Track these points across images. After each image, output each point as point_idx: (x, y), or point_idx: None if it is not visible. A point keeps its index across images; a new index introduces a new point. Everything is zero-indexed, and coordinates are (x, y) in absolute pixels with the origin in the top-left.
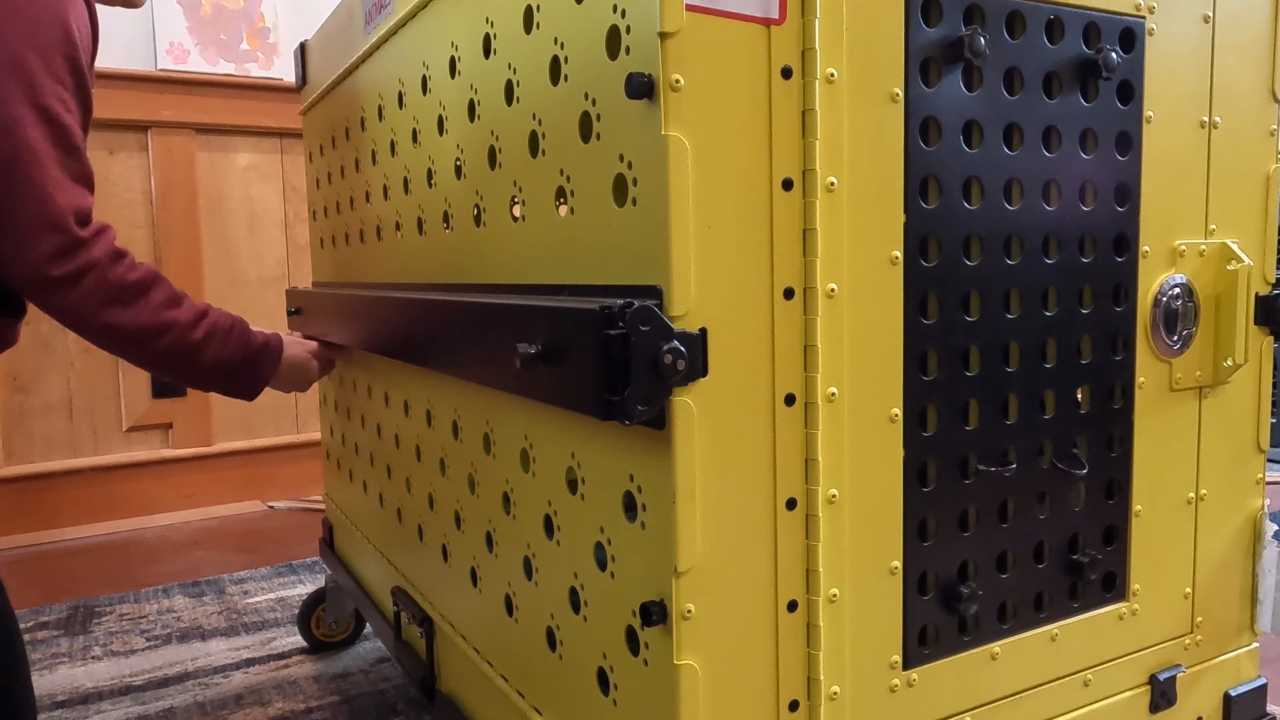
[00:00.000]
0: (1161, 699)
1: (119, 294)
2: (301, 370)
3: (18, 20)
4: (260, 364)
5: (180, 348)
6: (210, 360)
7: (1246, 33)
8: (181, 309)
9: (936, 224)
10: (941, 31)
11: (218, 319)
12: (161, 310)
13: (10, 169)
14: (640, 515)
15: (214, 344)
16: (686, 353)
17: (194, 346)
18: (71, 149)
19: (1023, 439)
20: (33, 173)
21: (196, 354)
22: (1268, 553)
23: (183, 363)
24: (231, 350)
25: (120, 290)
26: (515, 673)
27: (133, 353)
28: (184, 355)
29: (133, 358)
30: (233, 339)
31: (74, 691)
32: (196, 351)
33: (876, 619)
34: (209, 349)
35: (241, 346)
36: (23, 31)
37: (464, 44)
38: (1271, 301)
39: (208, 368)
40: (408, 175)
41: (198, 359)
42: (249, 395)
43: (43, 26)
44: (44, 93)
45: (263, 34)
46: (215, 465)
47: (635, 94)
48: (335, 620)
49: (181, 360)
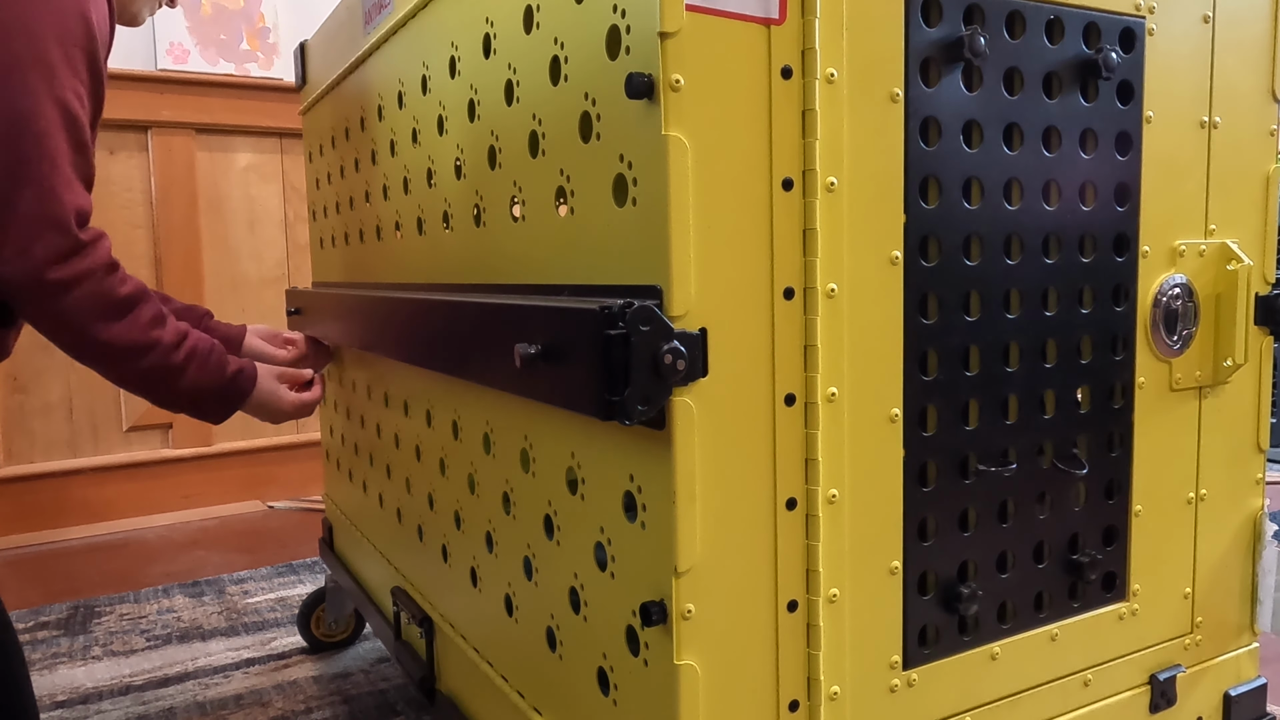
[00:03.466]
0: (1161, 699)
1: (111, 307)
2: (272, 401)
3: (44, 10)
4: (232, 393)
5: (161, 369)
6: (188, 384)
7: (1246, 33)
8: (166, 329)
9: (936, 224)
10: (941, 31)
11: (197, 342)
12: (149, 328)
13: (24, 163)
14: (640, 515)
15: (193, 367)
16: (686, 353)
17: (175, 369)
18: (82, 146)
19: (1023, 439)
20: (44, 168)
21: (176, 376)
22: (1268, 553)
23: (160, 384)
24: (209, 375)
25: (112, 303)
26: (515, 673)
27: (112, 368)
28: (163, 376)
29: (110, 373)
30: (211, 363)
31: (74, 691)
32: (177, 374)
33: (876, 619)
34: (188, 372)
35: (219, 372)
36: (48, 23)
37: (464, 44)
38: (1271, 301)
39: (184, 391)
40: (408, 175)
41: (176, 382)
42: (217, 419)
43: (67, 19)
44: (63, 86)
45: (263, 34)
46: (215, 465)
47: (635, 94)
48: (335, 620)
49: (160, 381)
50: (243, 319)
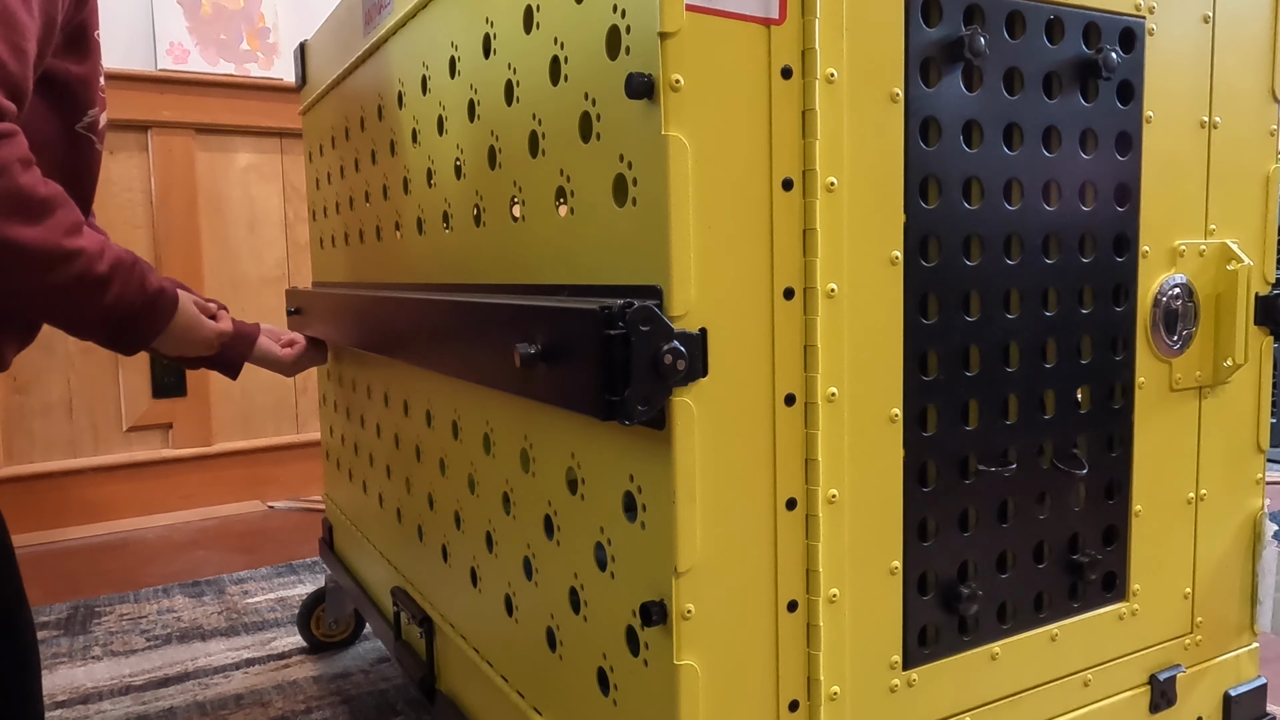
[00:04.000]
0: (1161, 699)
1: (26, 205)
2: (193, 331)
3: None
4: (155, 313)
5: (82, 281)
6: (110, 300)
7: (1246, 33)
8: (84, 237)
9: (936, 224)
10: (941, 31)
11: (120, 254)
12: (68, 235)
13: None
14: (640, 515)
15: (117, 281)
16: (686, 353)
17: (97, 281)
18: (16, 50)
19: (1023, 439)
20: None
21: (98, 291)
22: (1268, 553)
23: (80, 299)
24: (133, 291)
25: (28, 202)
26: (515, 673)
27: (25, 278)
28: (84, 291)
29: (23, 285)
30: (134, 278)
31: (74, 691)
32: (99, 288)
33: (876, 619)
34: (112, 287)
35: (141, 288)
36: None
37: (464, 44)
38: (1271, 301)
39: (104, 309)
40: (408, 175)
41: (97, 297)
42: (130, 348)
43: None
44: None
45: (263, 34)
46: (215, 465)
47: (635, 94)
48: (335, 620)
49: (79, 296)
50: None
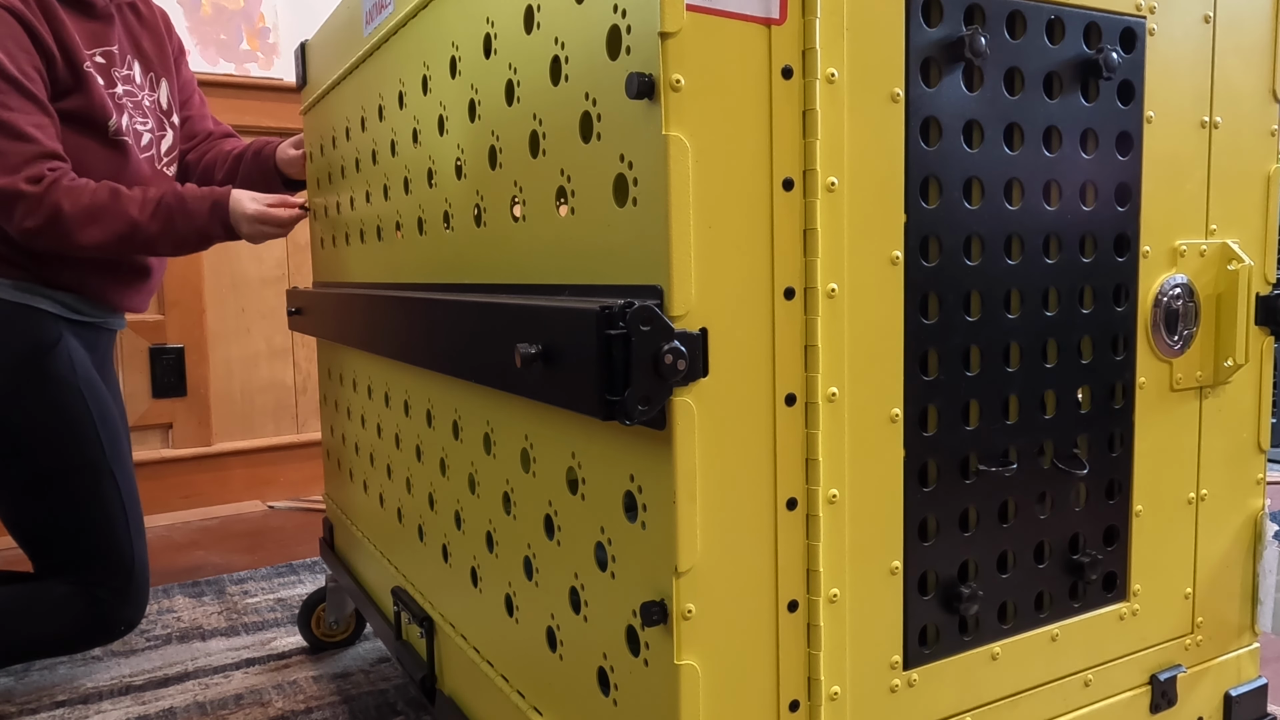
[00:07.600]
0: (1162, 699)
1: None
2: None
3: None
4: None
5: (157, 229)
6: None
7: (1247, 33)
8: (132, 204)
9: (937, 224)
10: (942, 31)
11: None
12: (120, 216)
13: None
14: (640, 515)
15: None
16: (687, 353)
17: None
18: (31, 97)
19: (1023, 439)
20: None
21: (176, 223)
22: (1268, 553)
23: (167, 237)
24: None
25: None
26: (515, 673)
27: (123, 250)
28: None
29: (128, 252)
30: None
31: (74, 691)
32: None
33: (877, 619)
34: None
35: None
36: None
37: (464, 44)
38: (1272, 301)
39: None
40: (408, 175)
41: (177, 228)
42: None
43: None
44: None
45: (263, 34)
46: (215, 465)
47: (636, 94)
48: (335, 620)
49: (165, 235)
50: (243, 319)
